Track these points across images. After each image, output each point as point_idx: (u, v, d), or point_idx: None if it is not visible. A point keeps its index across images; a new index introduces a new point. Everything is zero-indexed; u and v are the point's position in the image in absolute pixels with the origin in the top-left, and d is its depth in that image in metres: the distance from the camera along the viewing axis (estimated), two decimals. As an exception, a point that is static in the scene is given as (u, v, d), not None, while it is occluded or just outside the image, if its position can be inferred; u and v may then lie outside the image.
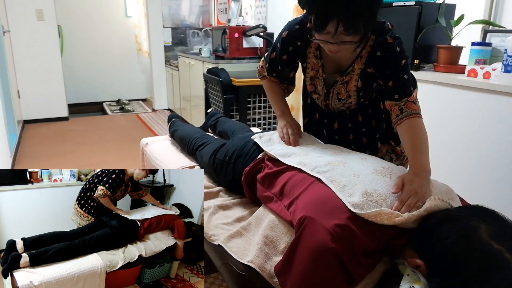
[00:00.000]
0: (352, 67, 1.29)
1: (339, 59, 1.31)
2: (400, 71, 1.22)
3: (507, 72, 1.67)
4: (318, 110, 1.50)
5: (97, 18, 6.07)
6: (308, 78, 1.40)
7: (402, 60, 1.23)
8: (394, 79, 1.23)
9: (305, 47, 1.35)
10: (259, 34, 3.70)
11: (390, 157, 1.50)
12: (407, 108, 1.20)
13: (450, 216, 0.85)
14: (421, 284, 0.80)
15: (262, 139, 1.39)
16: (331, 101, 1.40)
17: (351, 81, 1.30)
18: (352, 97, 1.34)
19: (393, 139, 1.44)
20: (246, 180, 1.31)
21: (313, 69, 1.37)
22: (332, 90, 1.36)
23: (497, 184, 1.76)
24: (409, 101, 1.22)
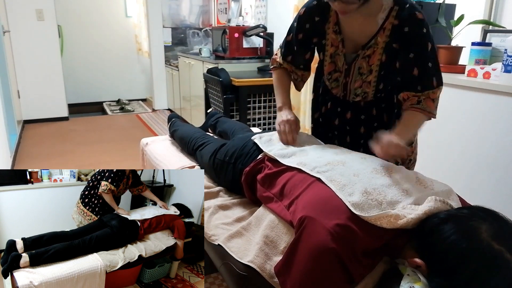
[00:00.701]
0: (375, 39, 1.24)
1: (359, 33, 1.26)
2: (426, 56, 1.19)
3: (507, 72, 1.67)
4: (331, 99, 1.47)
5: (97, 18, 6.07)
6: (328, 56, 1.36)
7: (428, 43, 1.18)
8: (419, 66, 1.20)
9: (324, 23, 1.32)
10: (259, 34, 3.70)
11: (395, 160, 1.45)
12: (425, 104, 1.21)
13: (451, 216, 0.85)
14: (421, 284, 0.80)
15: (262, 139, 1.39)
16: (352, 78, 1.34)
17: (375, 54, 1.26)
18: (373, 73, 1.28)
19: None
20: (246, 181, 1.31)
21: (333, 45, 1.33)
22: (353, 65, 1.31)
23: (497, 184, 1.76)
24: (429, 98, 1.21)
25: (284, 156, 1.23)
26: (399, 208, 0.91)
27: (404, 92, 1.25)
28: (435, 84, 1.22)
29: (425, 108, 1.22)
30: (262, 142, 1.37)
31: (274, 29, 3.86)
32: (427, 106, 1.22)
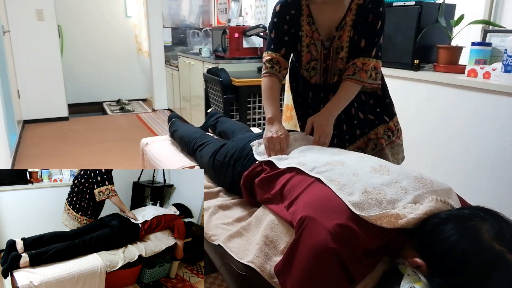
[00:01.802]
0: (345, 20, 1.40)
1: (331, 19, 1.41)
2: (376, 32, 1.39)
3: (507, 72, 1.67)
4: (312, 88, 1.58)
5: (97, 18, 6.07)
6: (305, 46, 1.48)
7: (380, 21, 1.38)
8: (367, 39, 1.39)
9: (298, 16, 1.45)
10: (259, 34, 3.70)
11: (387, 135, 1.60)
12: (359, 75, 1.41)
13: (452, 216, 0.85)
14: (422, 284, 0.80)
15: (260, 147, 1.40)
16: (332, 60, 1.47)
17: (345, 32, 1.41)
18: (344, 49, 1.43)
19: (387, 114, 1.59)
20: (245, 184, 1.30)
21: (308, 35, 1.46)
22: (331, 48, 1.45)
23: (497, 184, 1.76)
24: (363, 70, 1.40)
25: (281, 159, 1.23)
26: (399, 208, 0.91)
27: (348, 63, 1.43)
28: (372, 54, 1.40)
29: (358, 78, 1.41)
30: (259, 150, 1.38)
31: (274, 29, 3.85)
32: (360, 76, 1.41)
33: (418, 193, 0.95)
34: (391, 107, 1.61)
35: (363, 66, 1.40)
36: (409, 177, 1.01)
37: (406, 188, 0.97)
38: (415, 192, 0.95)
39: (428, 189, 0.97)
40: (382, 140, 1.58)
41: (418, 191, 0.96)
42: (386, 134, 1.60)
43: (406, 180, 1.00)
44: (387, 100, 1.60)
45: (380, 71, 1.46)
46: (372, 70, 1.41)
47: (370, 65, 1.40)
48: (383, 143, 1.59)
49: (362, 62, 1.40)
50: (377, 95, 1.57)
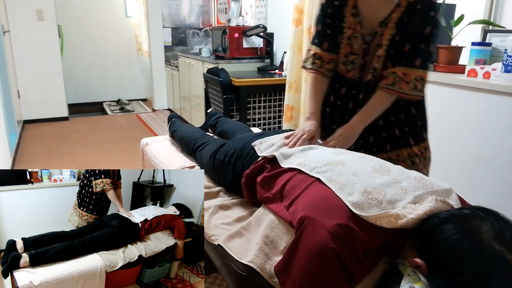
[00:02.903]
0: (390, 16, 1.30)
1: (377, 12, 1.32)
2: (422, 37, 1.26)
3: (507, 72, 1.67)
4: (346, 83, 1.48)
5: (97, 18, 6.07)
6: (345, 38, 1.41)
7: (429, 27, 1.25)
8: (412, 44, 1.27)
9: (342, 7, 1.39)
10: (259, 34, 3.70)
11: (411, 161, 1.45)
12: (399, 86, 1.29)
13: (451, 216, 0.85)
14: (422, 284, 0.80)
15: (262, 145, 1.39)
16: (371, 57, 1.37)
17: (387, 29, 1.31)
18: (383, 47, 1.32)
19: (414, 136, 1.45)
20: (246, 183, 1.30)
21: (350, 27, 1.39)
22: (372, 44, 1.36)
23: (497, 184, 1.76)
24: (404, 80, 1.28)
25: (284, 157, 1.23)
26: (399, 208, 0.91)
27: (387, 70, 1.32)
28: (417, 64, 1.28)
29: (398, 90, 1.30)
30: (262, 148, 1.37)
31: (274, 29, 3.86)
32: (400, 87, 1.30)
33: (418, 193, 0.95)
34: (420, 131, 1.46)
35: (405, 76, 1.29)
36: (409, 177, 1.01)
37: (406, 188, 0.97)
38: (415, 192, 0.95)
39: (428, 189, 0.97)
40: (403, 164, 1.44)
41: (418, 191, 0.96)
42: (410, 159, 1.45)
43: (406, 181, 1.00)
44: (418, 122, 1.45)
45: (426, 81, 1.33)
46: (416, 81, 1.29)
47: (413, 76, 1.29)
48: (416, 162, 1.45)
49: (403, 72, 1.29)
50: (410, 112, 1.43)
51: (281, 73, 3.44)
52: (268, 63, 3.85)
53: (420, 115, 1.45)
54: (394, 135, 1.45)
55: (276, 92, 3.29)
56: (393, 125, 1.44)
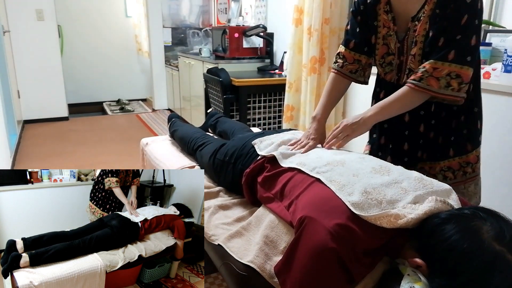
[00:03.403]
0: (423, 9, 1.17)
1: (409, 5, 1.21)
2: (457, 28, 1.10)
3: (507, 72, 1.67)
4: (385, 87, 1.37)
5: (97, 18, 6.07)
6: (380, 38, 1.31)
7: (466, 15, 1.09)
8: (446, 36, 1.11)
9: (375, 4, 1.29)
10: (259, 34, 3.70)
11: (444, 175, 1.31)
12: (426, 82, 1.13)
13: (452, 217, 0.85)
14: (422, 284, 0.80)
15: (262, 144, 1.39)
16: (406, 56, 1.26)
17: (421, 24, 1.17)
18: (418, 44, 1.19)
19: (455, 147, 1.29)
20: (247, 182, 1.31)
21: (385, 26, 1.28)
22: (405, 41, 1.24)
23: (497, 184, 1.76)
24: (433, 76, 1.11)
25: (284, 157, 1.23)
26: (399, 208, 0.91)
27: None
28: (450, 57, 1.10)
29: (424, 86, 1.13)
30: (262, 147, 1.37)
31: (274, 29, 3.86)
32: (428, 84, 1.12)
33: (418, 194, 0.95)
34: (465, 141, 1.29)
35: (434, 71, 1.12)
36: (410, 177, 1.01)
37: (406, 188, 0.97)
38: (415, 193, 0.95)
39: (429, 189, 0.97)
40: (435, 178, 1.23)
41: (418, 191, 0.96)
42: (442, 173, 1.31)
43: (407, 181, 1.00)
44: (464, 131, 1.27)
45: (467, 81, 1.13)
46: (451, 78, 1.11)
47: (444, 71, 1.11)
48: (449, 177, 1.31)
49: (433, 67, 1.12)
50: (460, 120, 1.27)
51: (281, 73, 3.44)
52: (268, 63, 3.85)
53: (467, 123, 1.27)
54: (435, 143, 1.30)
55: (276, 92, 3.29)
56: (437, 131, 1.29)
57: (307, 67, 2.69)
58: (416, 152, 1.34)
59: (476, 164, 1.31)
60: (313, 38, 2.63)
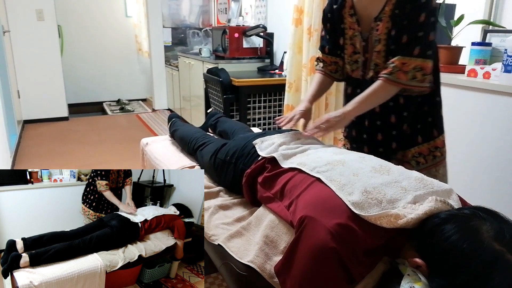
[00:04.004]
0: (384, 10, 1.29)
1: (371, 8, 1.33)
2: (418, 25, 1.23)
3: (507, 72, 1.67)
4: (352, 83, 1.52)
5: (97, 18, 6.07)
6: (348, 39, 1.44)
7: (424, 14, 1.22)
8: (408, 33, 1.24)
9: (341, 9, 1.42)
10: (259, 34, 3.70)
11: (416, 161, 1.44)
12: (396, 75, 1.26)
13: (452, 217, 0.85)
14: (422, 284, 0.80)
15: (262, 144, 1.39)
16: (370, 53, 1.38)
17: (383, 23, 1.29)
18: (382, 41, 1.31)
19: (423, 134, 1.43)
20: (247, 183, 1.30)
21: (350, 27, 1.42)
22: (369, 39, 1.37)
23: (497, 184, 1.76)
24: (402, 70, 1.25)
25: (285, 158, 1.23)
26: (399, 208, 0.91)
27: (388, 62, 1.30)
28: (415, 53, 1.24)
29: (394, 79, 1.26)
30: (263, 147, 1.37)
31: (274, 29, 3.86)
32: (397, 77, 1.26)
33: (418, 193, 0.95)
34: (431, 128, 1.43)
35: (403, 66, 1.25)
36: (410, 177, 1.01)
37: (406, 188, 0.97)
38: (415, 192, 0.95)
39: (429, 189, 0.97)
40: (408, 165, 1.43)
41: (418, 191, 0.96)
42: (414, 159, 1.44)
43: (407, 180, 1.00)
44: (429, 119, 1.42)
45: (429, 72, 1.27)
46: (415, 71, 1.25)
47: (411, 65, 1.25)
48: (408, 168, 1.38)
49: (401, 62, 1.25)
50: (423, 109, 1.41)
51: (281, 73, 3.44)
52: (268, 63, 3.85)
53: (431, 112, 1.41)
54: (404, 133, 1.42)
55: (276, 92, 3.29)
56: (407, 121, 1.41)
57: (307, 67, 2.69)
58: (390, 143, 1.45)
59: (443, 148, 1.47)
60: (313, 38, 2.63)
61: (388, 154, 1.45)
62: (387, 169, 1.05)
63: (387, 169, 1.05)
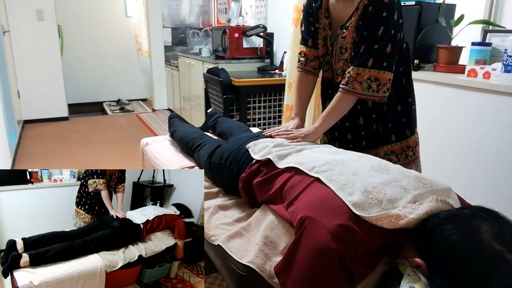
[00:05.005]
0: (350, 20, 1.34)
1: (341, 15, 1.37)
2: (376, 38, 1.27)
3: (507, 72, 1.67)
4: (323, 82, 1.56)
5: (97, 18, 6.07)
6: (321, 39, 1.47)
7: (382, 27, 1.26)
8: (366, 44, 1.29)
9: (318, 9, 1.44)
10: (259, 34, 3.70)
11: (388, 158, 1.48)
12: (352, 85, 1.32)
13: (451, 216, 0.85)
14: (422, 284, 0.80)
15: (256, 147, 1.36)
16: (335, 58, 1.43)
17: (349, 33, 1.34)
18: (348, 50, 1.36)
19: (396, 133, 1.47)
20: (244, 187, 1.29)
21: (324, 29, 1.45)
22: (335, 45, 1.41)
23: (497, 184, 1.76)
24: (357, 80, 1.30)
25: (280, 158, 1.22)
26: (399, 208, 0.91)
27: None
28: (369, 64, 1.29)
29: (351, 90, 1.32)
30: (256, 150, 1.34)
31: (274, 29, 3.86)
32: (353, 87, 1.32)
33: (418, 193, 0.95)
34: (404, 128, 1.47)
35: (357, 76, 1.31)
36: (409, 176, 1.01)
37: (406, 187, 0.97)
38: (415, 192, 0.95)
39: (428, 188, 0.97)
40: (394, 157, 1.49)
41: (418, 190, 0.96)
42: (387, 157, 1.49)
43: (406, 180, 1.00)
44: (403, 119, 1.46)
45: (384, 83, 1.31)
46: (370, 81, 1.30)
47: (365, 75, 1.30)
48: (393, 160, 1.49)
49: (356, 72, 1.31)
50: (396, 110, 1.45)
51: (281, 73, 3.44)
52: (268, 63, 3.85)
53: (404, 112, 1.45)
54: (376, 132, 1.47)
55: (276, 92, 3.29)
56: (376, 122, 1.46)
57: (307, 67, 2.69)
58: (360, 142, 1.50)
59: (415, 148, 1.50)
60: (313, 38, 2.63)
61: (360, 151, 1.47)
62: (386, 168, 1.05)
63: (386, 168, 1.05)
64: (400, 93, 1.43)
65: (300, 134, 1.41)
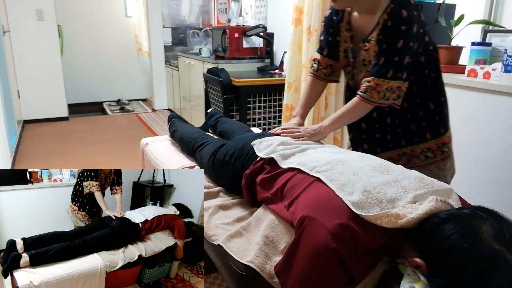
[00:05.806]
0: (371, 34, 1.38)
1: (362, 29, 1.42)
2: (395, 51, 1.31)
3: (507, 72, 1.67)
4: (349, 89, 1.60)
5: (97, 18, 6.07)
6: (342, 51, 1.53)
7: (401, 40, 1.30)
8: (385, 57, 1.33)
9: (339, 22, 1.50)
10: (259, 34, 3.70)
11: (425, 155, 1.50)
12: (370, 94, 1.36)
13: (451, 216, 0.85)
14: (422, 284, 0.80)
15: (261, 145, 1.38)
16: (357, 69, 1.48)
17: (371, 46, 1.38)
18: (371, 64, 1.40)
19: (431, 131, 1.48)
20: (247, 184, 1.30)
21: (346, 41, 1.50)
22: (357, 57, 1.46)
23: (497, 184, 1.76)
24: (375, 90, 1.34)
25: (283, 158, 1.23)
26: (399, 207, 0.91)
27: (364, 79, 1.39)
28: (389, 76, 1.33)
29: (368, 98, 1.36)
30: (261, 148, 1.36)
31: (274, 29, 3.86)
32: (370, 96, 1.36)
33: (418, 193, 0.95)
34: (438, 126, 1.49)
35: (376, 86, 1.35)
36: (410, 177, 1.01)
37: (406, 187, 0.97)
38: (415, 192, 0.95)
39: (429, 189, 0.97)
40: (417, 159, 1.50)
41: (418, 190, 0.96)
42: (423, 154, 1.49)
43: (407, 180, 1.00)
44: (436, 117, 1.48)
45: (398, 92, 1.37)
46: (387, 91, 1.35)
47: (385, 86, 1.34)
48: (416, 162, 1.50)
49: (376, 83, 1.35)
50: (429, 108, 1.47)
51: (281, 73, 3.44)
52: (268, 63, 3.85)
53: (437, 111, 1.48)
54: (410, 131, 1.49)
55: (276, 92, 3.29)
56: (410, 121, 1.48)
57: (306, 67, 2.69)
58: (398, 140, 1.52)
59: (449, 144, 1.53)
60: (312, 38, 2.63)
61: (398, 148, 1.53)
62: (387, 168, 1.05)
63: (387, 169, 1.05)
64: (432, 93, 1.46)
65: (306, 133, 1.44)
